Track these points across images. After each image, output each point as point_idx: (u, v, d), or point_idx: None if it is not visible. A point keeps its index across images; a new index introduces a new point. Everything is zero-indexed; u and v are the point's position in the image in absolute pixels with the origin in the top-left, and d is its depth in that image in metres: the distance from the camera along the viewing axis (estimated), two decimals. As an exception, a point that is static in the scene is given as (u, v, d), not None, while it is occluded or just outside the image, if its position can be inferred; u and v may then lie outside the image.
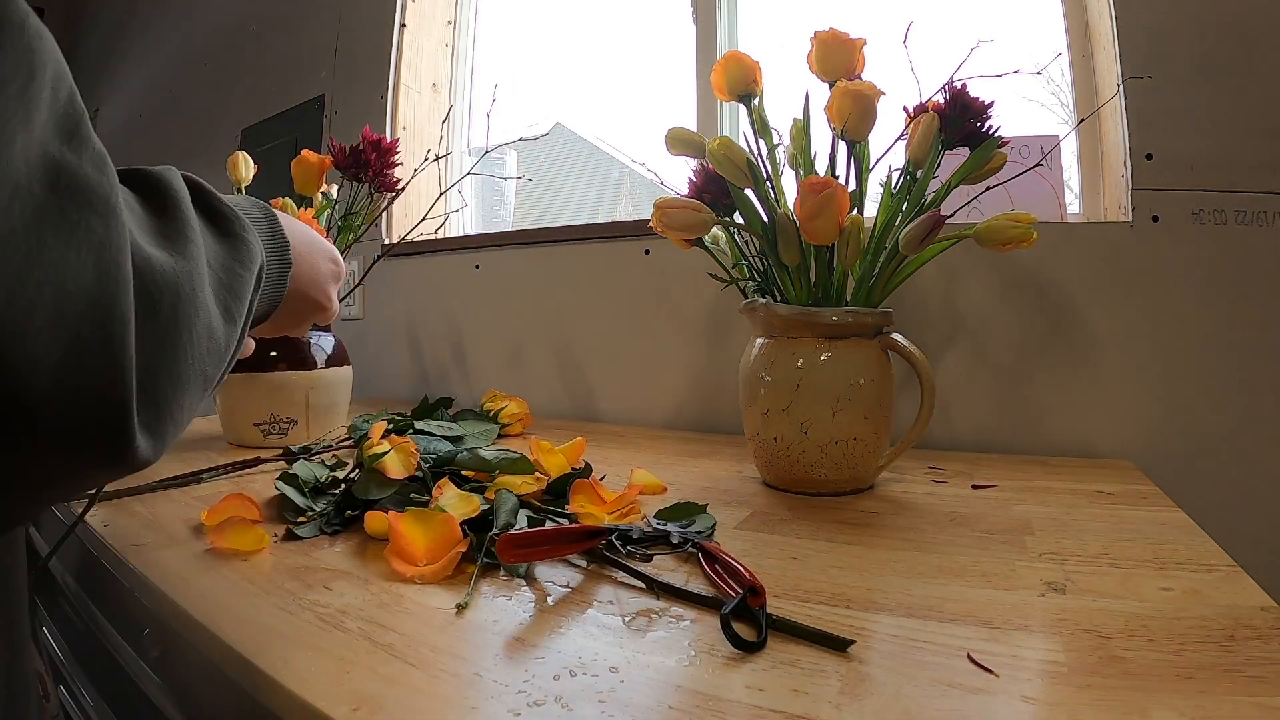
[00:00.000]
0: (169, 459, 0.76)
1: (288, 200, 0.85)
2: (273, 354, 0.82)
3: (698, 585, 0.40)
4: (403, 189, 0.92)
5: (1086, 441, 0.79)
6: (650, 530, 0.47)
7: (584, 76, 1.43)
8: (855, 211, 0.58)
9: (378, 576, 0.42)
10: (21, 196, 0.18)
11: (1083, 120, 0.87)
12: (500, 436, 0.89)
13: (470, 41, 1.50)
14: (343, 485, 0.59)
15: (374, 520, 0.49)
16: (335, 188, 0.95)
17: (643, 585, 0.40)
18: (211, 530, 0.48)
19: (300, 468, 0.61)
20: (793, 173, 0.64)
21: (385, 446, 0.59)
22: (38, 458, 0.20)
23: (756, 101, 0.63)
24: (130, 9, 2.51)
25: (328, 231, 0.91)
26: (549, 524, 0.49)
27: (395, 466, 0.57)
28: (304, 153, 0.86)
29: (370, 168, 0.86)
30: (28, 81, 0.19)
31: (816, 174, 0.62)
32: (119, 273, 0.21)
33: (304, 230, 0.43)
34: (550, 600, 0.39)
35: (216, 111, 1.91)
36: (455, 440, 0.76)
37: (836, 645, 0.33)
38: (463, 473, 0.61)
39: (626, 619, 0.36)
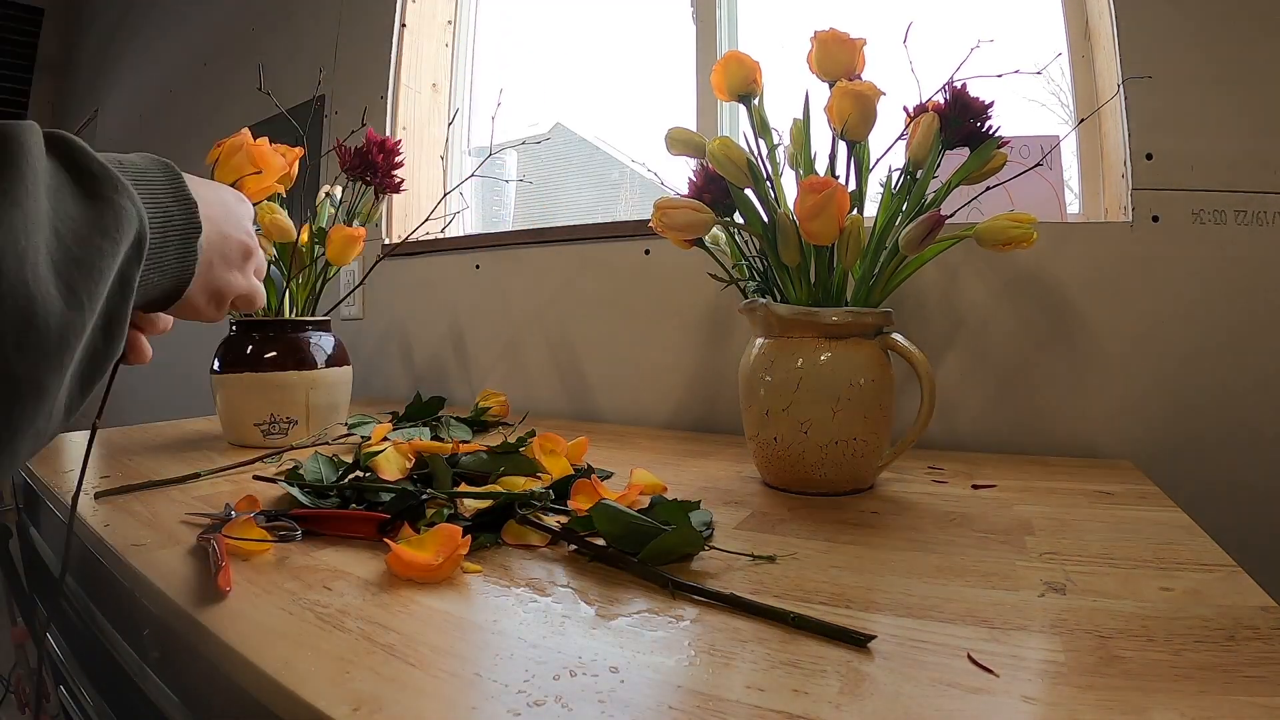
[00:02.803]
0: (170, 459, 0.76)
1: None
2: (273, 354, 0.82)
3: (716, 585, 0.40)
4: (401, 186, 0.92)
5: (1086, 441, 0.79)
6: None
7: (584, 76, 1.43)
8: (855, 211, 0.58)
9: (378, 576, 0.42)
10: None
11: (1083, 120, 0.87)
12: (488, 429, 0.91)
13: (470, 41, 1.50)
14: (347, 484, 0.59)
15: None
16: (340, 189, 0.95)
17: (662, 586, 0.40)
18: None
19: (310, 464, 0.61)
20: (793, 173, 0.64)
21: (385, 445, 0.59)
22: None
23: (756, 101, 0.63)
24: (130, 9, 2.51)
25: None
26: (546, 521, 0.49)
27: (390, 468, 0.57)
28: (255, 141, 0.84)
29: (378, 169, 0.86)
30: None
31: (816, 174, 0.62)
32: None
33: (220, 193, 0.38)
34: (551, 600, 0.39)
35: (216, 111, 1.91)
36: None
37: (856, 641, 0.33)
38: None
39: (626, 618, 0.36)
